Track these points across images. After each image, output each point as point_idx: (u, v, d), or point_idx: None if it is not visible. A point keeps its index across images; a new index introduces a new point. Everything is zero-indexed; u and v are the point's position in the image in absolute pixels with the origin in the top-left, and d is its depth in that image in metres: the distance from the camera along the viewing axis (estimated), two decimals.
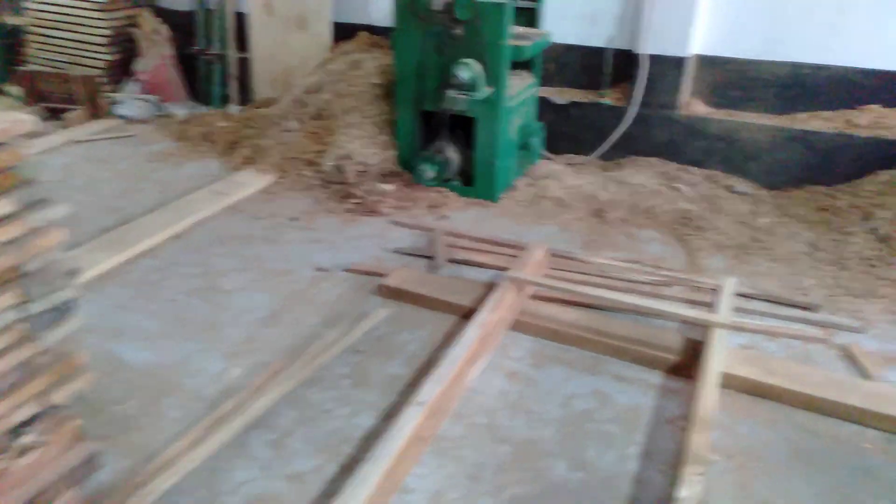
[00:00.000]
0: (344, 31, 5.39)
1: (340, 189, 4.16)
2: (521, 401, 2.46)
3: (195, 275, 3.29)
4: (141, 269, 3.34)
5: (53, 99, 5.57)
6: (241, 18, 5.51)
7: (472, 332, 2.48)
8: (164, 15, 5.93)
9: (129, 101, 5.71)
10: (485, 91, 3.70)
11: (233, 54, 5.59)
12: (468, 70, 3.60)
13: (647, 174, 4.31)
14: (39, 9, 5.81)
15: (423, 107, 4.05)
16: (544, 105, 4.64)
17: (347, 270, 3.34)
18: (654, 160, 4.47)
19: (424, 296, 3.01)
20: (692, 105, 4.39)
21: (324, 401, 2.45)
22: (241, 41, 5.56)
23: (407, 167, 4.26)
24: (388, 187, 4.13)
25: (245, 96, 5.68)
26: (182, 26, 5.87)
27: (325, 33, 5.38)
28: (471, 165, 4.11)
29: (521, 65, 4.20)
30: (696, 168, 4.36)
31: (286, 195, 4.20)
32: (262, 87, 5.54)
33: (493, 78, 3.73)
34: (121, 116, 5.60)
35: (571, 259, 3.37)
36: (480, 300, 2.88)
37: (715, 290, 2.97)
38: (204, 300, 3.08)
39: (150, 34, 5.68)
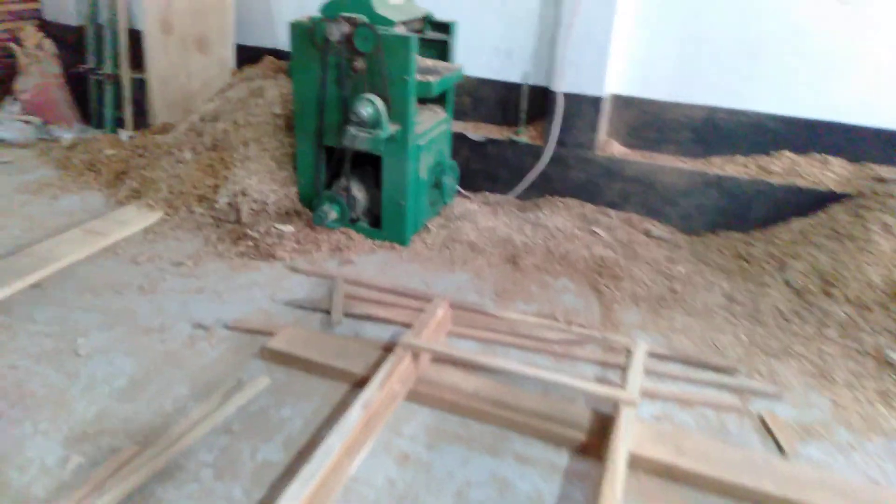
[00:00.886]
0: (249, 55, 5.04)
1: (234, 229, 3.79)
2: (410, 491, 2.17)
3: (49, 334, 2.86)
4: None
5: None
6: (136, 36, 5.06)
7: (355, 414, 2.18)
8: (51, 30, 5.42)
9: (8, 122, 5.17)
10: (389, 129, 3.41)
11: (127, 75, 5.13)
12: (369, 106, 3.31)
13: (565, 216, 4.13)
14: None
15: (324, 142, 3.74)
16: (460, 141, 4.41)
17: (230, 328, 2.98)
18: (571, 201, 4.30)
19: (313, 361, 2.69)
20: (609, 145, 4.25)
21: (177, 499, 2.08)
22: (137, 61, 5.10)
23: (309, 206, 3.92)
24: (288, 228, 3.78)
25: (142, 121, 5.22)
26: (71, 43, 5.37)
27: (228, 56, 5.01)
28: (379, 206, 3.82)
29: (433, 99, 3.95)
30: (613, 210, 4.21)
31: (173, 235, 3.79)
32: (160, 111, 5.09)
33: (399, 114, 3.45)
34: None
35: (479, 314, 3.12)
36: (375, 366, 2.59)
37: (628, 351, 2.77)
38: (53, 367, 2.65)
39: (33, 50, 5.16)
